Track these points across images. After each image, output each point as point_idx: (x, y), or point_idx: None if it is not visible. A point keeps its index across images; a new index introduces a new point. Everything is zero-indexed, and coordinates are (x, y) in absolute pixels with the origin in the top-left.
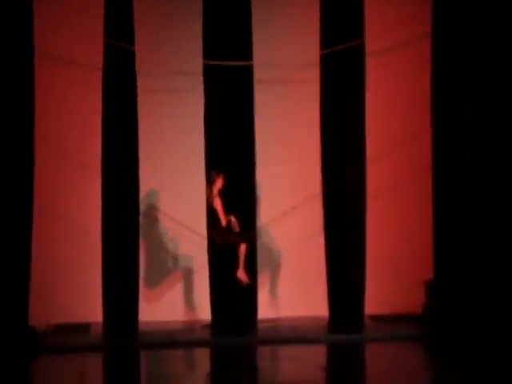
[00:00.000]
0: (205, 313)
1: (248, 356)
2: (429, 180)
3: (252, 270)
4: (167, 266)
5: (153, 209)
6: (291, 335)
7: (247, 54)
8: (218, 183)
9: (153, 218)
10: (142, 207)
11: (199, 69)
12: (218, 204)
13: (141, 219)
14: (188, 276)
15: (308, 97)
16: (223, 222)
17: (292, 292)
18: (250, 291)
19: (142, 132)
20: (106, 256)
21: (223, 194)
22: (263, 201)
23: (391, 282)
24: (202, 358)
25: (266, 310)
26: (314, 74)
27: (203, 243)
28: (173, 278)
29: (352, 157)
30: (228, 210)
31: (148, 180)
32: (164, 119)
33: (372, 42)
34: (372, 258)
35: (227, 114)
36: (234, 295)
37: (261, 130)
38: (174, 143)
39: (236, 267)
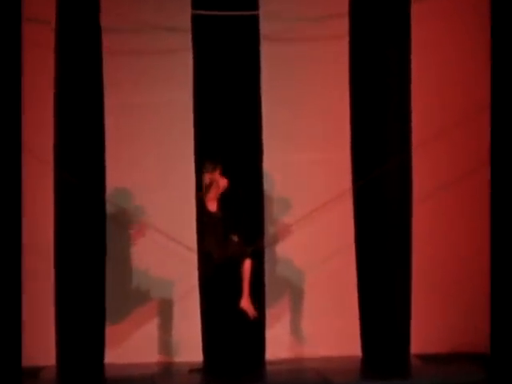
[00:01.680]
0: (193, 353)
1: None
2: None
3: (259, 295)
4: (138, 292)
5: (120, 213)
6: (313, 381)
7: (251, 0)
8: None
9: (119, 226)
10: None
11: (186, 22)
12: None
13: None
14: (166, 306)
15: (333, 58)
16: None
17: (314, 325)
18: (257, 325)
19: (109, 108)
20: (61, 276)
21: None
22: (274, 200)
23: (445, 310)
24: None
25: (278, 348)
26: (342, 27)
27: (192, 259)
28: (145, 309)
29: (393, 141)
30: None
31: (114, 174)
32: (138, 91)
33: None
34: (419, 278)
35: (224, 83)
36: (234, 330)
37: (269, 104)
38: (151, 123)
39: (237, 292)
